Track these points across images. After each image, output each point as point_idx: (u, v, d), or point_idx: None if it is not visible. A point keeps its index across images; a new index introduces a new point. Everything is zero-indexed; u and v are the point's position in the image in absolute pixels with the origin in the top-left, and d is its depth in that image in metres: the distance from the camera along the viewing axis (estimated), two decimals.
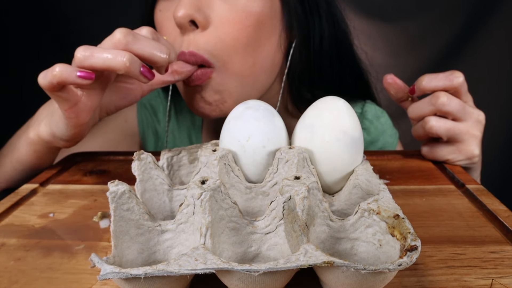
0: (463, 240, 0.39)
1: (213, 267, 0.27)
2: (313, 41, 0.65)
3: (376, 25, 0.63)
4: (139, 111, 0.81)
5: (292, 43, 0.65)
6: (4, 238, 0.42)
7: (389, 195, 0.36)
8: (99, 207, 0.48)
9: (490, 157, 1.38)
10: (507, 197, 0.54)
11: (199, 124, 0.81)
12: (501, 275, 0.34)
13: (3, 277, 0.35)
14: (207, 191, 0.32)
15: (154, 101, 0.82)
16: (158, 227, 0.34)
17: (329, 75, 0.70)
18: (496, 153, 1.38)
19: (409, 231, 0.30)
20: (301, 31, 0.64)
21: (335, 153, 0.40)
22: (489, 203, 0.46)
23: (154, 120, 0.82)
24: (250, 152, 0.41)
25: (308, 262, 0.27)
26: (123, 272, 0.27)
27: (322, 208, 0.34)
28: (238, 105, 0.43)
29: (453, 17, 1.24)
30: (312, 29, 0.64)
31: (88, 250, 0.39)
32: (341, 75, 0.72)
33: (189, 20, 0.55)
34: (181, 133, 0.81)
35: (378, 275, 0.28)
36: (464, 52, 1.27)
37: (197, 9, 0.55)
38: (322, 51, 0.67)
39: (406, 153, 0.62)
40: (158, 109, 0.82)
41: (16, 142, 0.59)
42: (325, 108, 0.41)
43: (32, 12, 1.18)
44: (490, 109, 1.36)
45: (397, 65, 0.67)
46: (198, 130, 0.81)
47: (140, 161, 0.41)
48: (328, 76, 0.70)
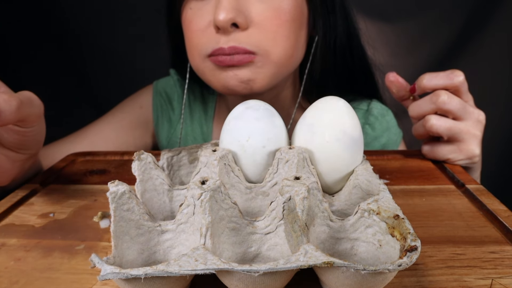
0: (463, 240, 0.40)
1: (213, 267, 0.28)
2: (330, 37, 0.69)
3: (377, 26, 0.64)
4: (155, 98, 0.83)
5: (314, 38, 0.68)
6: (4, 238, 0.42)
7: (389, 195, 0.36)
8: (99, 207, 0.48)
9: (490, 157, 1.38)
10: (507, 197, 0.55)
11: (211, 114, 0.83)
12: (501, 275, 0.34)
13: (3, 277, 0.35)
14: (207, 191, 0.32)
15: (169, 90, 0.85)
16: (158, 227, 0.34)
17: (342, 70, 0.74)
18: (496, 153, 1.38)
19: (409, 232, 0.30)
20: (322, 27, 0.67)
21: (335, 153, 0.40)
22: (489, 203, 0.46)
23: (168, 108, 0.84)
24: (250, 152, 0.41)
25: (308, 263, 0.27)
26: (123, 272, 0.27)
27: (322, 208, 0.34)
28: (238, 105, 0.43)
29: (453, 17, 1.24)
30: (330, 25, 0.68)
31: (88, 250, 0.39)
32: (353, 70, 0.75)
33: (231, 23, 0.57)
34: (194, 122, 0.83)
35: (378, 276, 0.28)
36: (465, 52, 1.27)
37: (238, 12, 0.57)
38: (339, 46, 0.71)
39: (406, 153, 0.62)
40: (173, 97, 0.84)
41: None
42: (325, 108, 0.41)
43: (31, 11, 1.18)
44: (490, 109, 1.37)
45: (397, 65, 0.68)
46: (209, 119, 0.83)
47: (140, 161, 0.41)
48: (341, 71, 0.74)
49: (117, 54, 1.24)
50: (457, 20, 1.25)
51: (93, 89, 1.29)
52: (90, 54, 1.26)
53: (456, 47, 1.27)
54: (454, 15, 1.25)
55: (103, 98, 0.83)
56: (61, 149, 0.72)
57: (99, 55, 1.26)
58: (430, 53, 1.28)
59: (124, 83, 0.87)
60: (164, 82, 0.85)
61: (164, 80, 0.86)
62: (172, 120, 0.83)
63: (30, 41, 1.24)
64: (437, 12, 1.24)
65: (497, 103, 1.31)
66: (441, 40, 1.27)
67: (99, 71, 1.27)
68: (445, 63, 1.28)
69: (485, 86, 1.28)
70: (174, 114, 0.83)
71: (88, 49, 1.25)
